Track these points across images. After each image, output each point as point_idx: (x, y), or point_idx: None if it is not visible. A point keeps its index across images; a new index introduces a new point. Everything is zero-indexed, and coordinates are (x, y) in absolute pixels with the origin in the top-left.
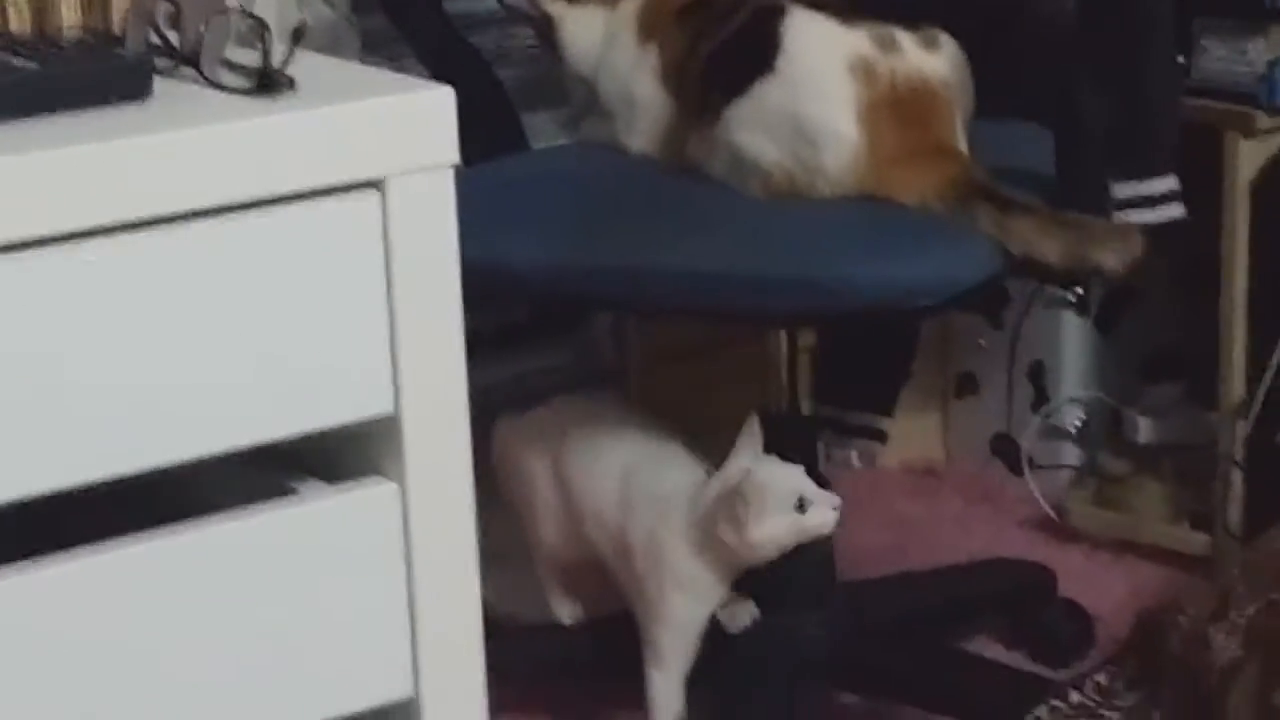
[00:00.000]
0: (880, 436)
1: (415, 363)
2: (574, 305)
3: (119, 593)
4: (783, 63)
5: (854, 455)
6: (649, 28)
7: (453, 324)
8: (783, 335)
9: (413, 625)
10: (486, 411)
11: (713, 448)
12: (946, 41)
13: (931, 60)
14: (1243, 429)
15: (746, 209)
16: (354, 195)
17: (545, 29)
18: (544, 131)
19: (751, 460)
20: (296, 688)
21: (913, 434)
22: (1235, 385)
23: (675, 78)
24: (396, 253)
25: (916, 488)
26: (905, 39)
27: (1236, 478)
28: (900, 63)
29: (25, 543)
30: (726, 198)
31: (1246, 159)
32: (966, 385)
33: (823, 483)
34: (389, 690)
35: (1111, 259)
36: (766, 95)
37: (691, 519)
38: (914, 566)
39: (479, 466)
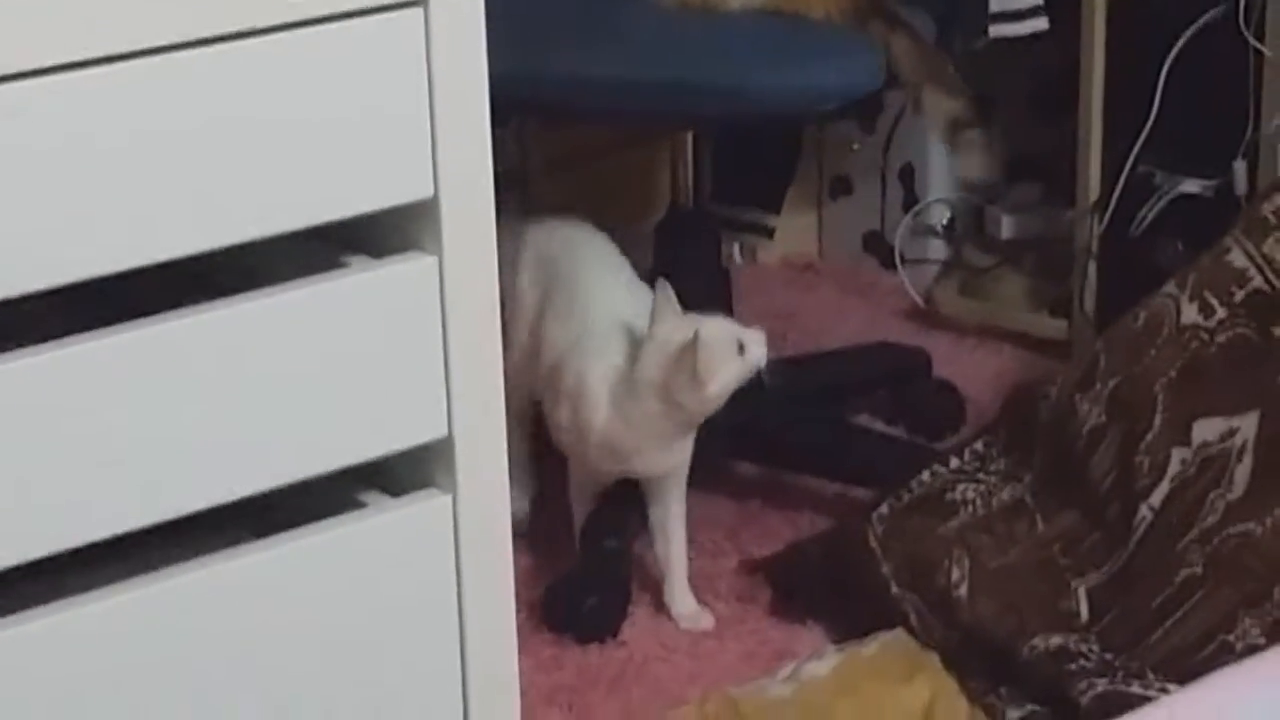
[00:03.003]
0: (768, 232)
1: (451, 152)
2: (498, 113)
3: (192, 354)
4: None
5: (737, 250)
6: None
7: (483, 119)
8: (687, 137)
9: (447, 373)
10: None
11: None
12: None
13: None
14: (1097, 224)
15: (661, 19)
16: (399, 13)
17: None
18: None
19: (687, 321)
20: (350, 430)
21: (791, 232)
22: (1090, 184)
23: None
24: (437, 62)
25: (795, 281)
26: None
27: (1091, 268)
28: None
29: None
30: (641, 9)
31: None
32: (841, 186)
33: (726, 277)
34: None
35: (934, 105)
36: None
37: (636, 386)
38: (795, 352)
39: None
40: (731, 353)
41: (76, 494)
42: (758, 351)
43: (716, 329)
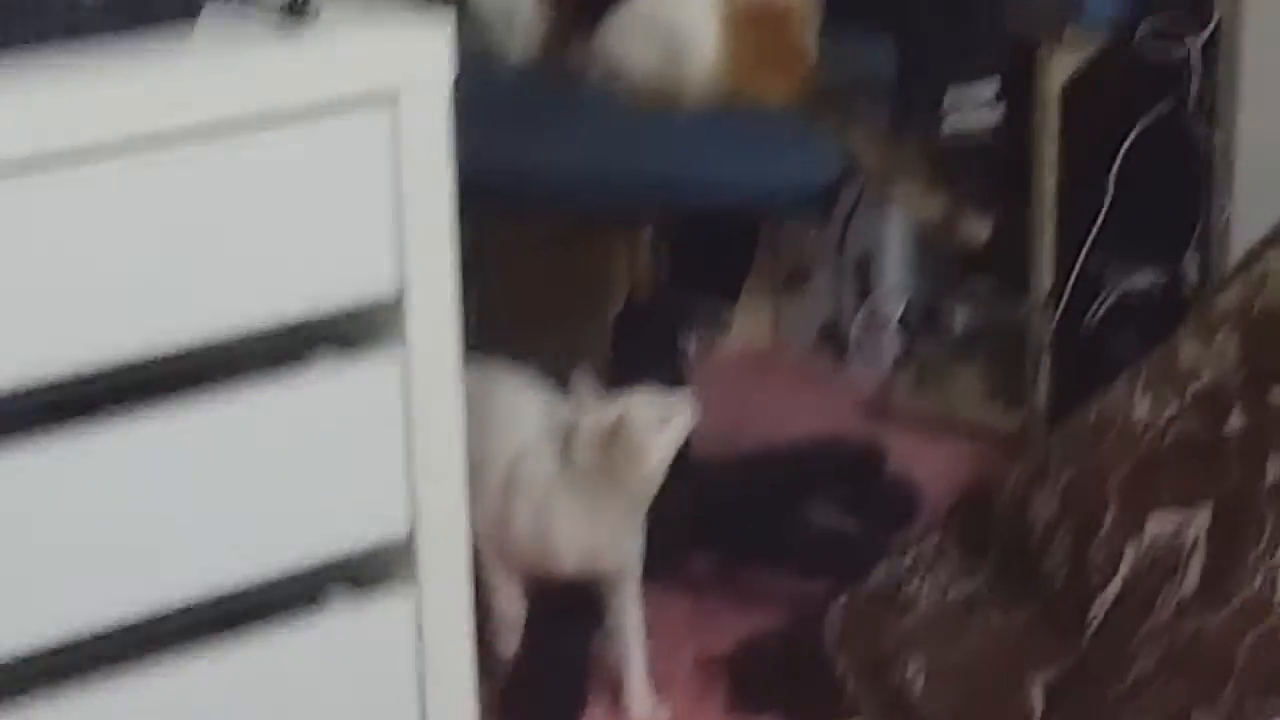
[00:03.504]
0: (725, 323)
1: (418, 247)
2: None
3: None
4: None
5: (692, 342)
6: None
7: (449, 214)
8: (647, 229)
9: (410, 469)
10: None
11: (568, 336)
12: None
13: None
14: (1050, 317)
15: (621, 115)
16: (369, 108)
17: None
18: None
19: (611, 401)
20: (315, 527)
21: (746, 323)
22: (1043, 277)
23: None
24: (405, 154)
25: (750, 372)
26: None
27: (1044, 361)
28: None
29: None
30: (603, 104)
31: (1056, 68)
32: (796, 277)
33: (684, 367)
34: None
35: (902, 194)
36: (636, 8)
37: (577, 480)
38: (751, 445)
39: None
40: (660, 423)
41: (40, 594)
42: (685, 416)
43: (641, 403)
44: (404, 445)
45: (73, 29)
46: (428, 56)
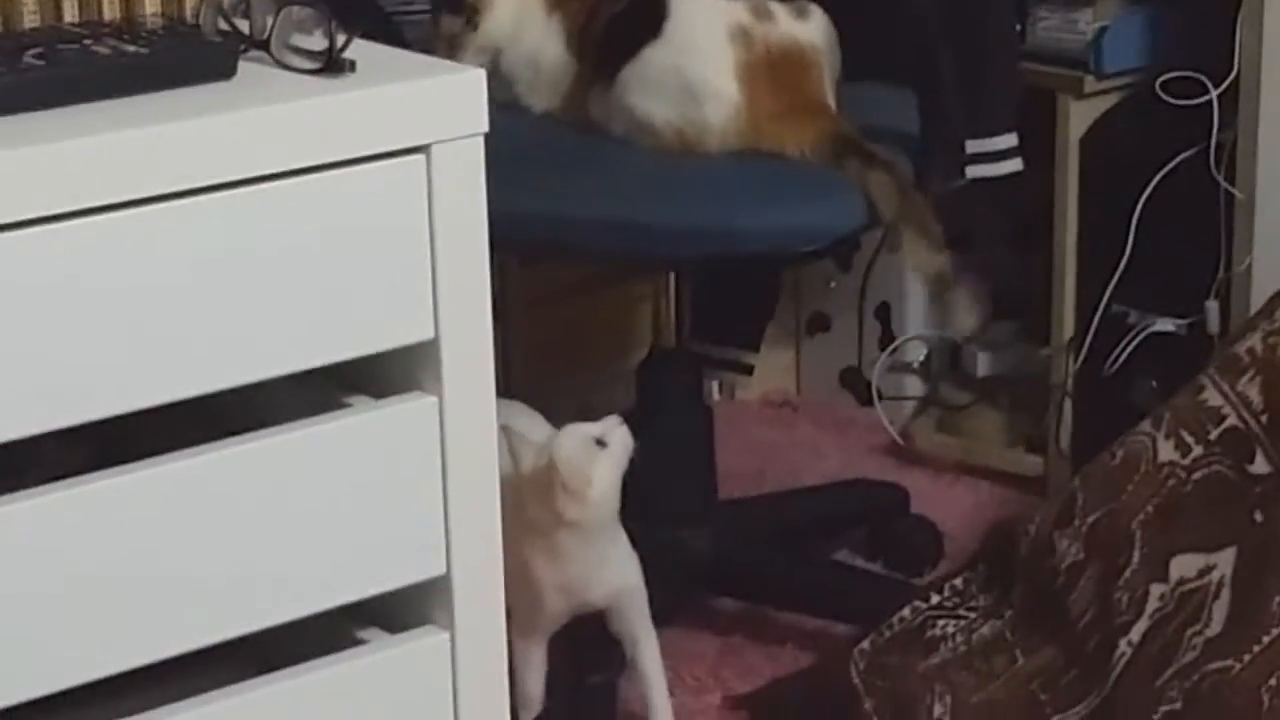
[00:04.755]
0: (747, 370)
1: (452, 294)
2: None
3: (192, 494)
4: (669, 29)
5: (715, 388)
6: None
7: (482, 262)
8: (669, 276)
9: (446, 512)
10: None
11: (591, 383)
12: (816, 12)
13: (802, 27)
14: (1072, 362)
15: (645, 163)
16: (404, 159)
17: (472, 12)
18: None
19: (543, 444)
20: (350, 569)
21: (769, 369)
22: (1065, 322)
23: (578, 43)
24: (439, 205)
25: (773, 418)
26: (779, 9)
27: (1066, 406)
28: (774, 29)
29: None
30: (626, 153)
31: (1076, 118)
32: (818, 323)
33: (708, 415)
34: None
35: (908, 245)
36: (655, 58)
37: (536, 524)
38: (774, 489)
39: None
40: (593, 453)
41: (79, 631)
42: (620, 439)
43: (568, 439)
44: (440, 487)
45: (116, 86)
46: (461, 108)
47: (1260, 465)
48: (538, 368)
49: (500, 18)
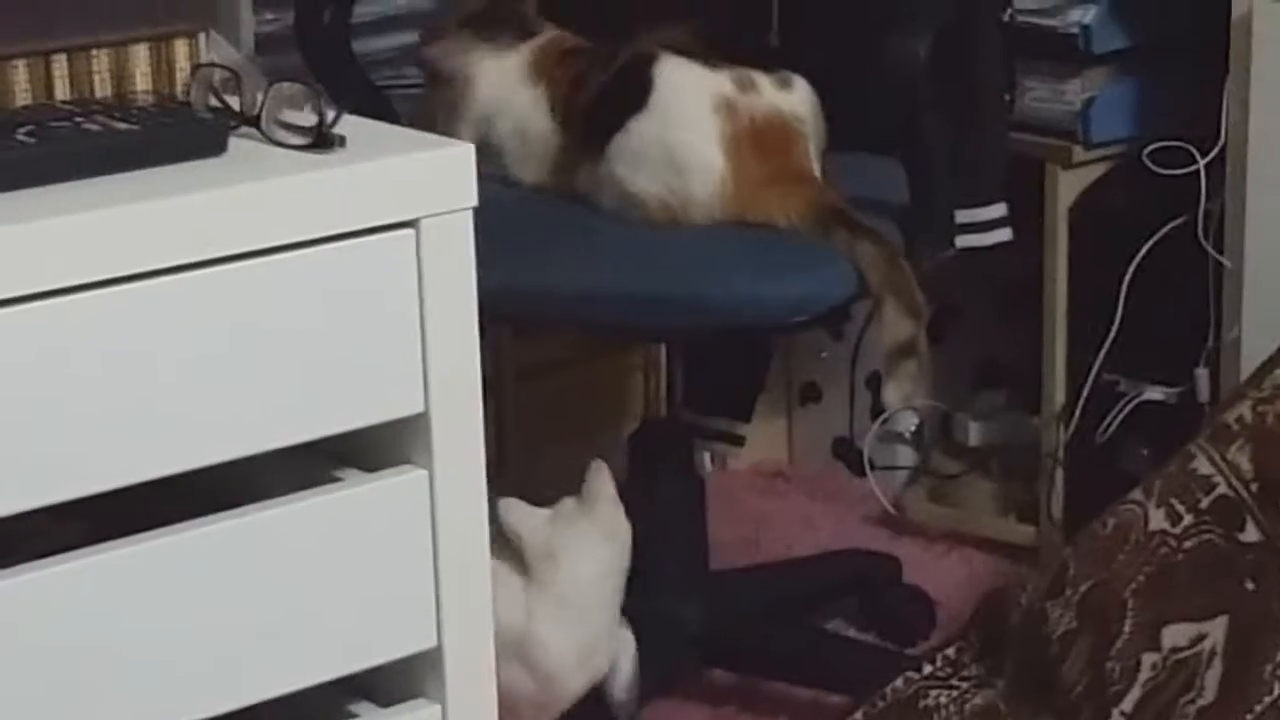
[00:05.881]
0: (738, 441)
1: (442, 368)
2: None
3: (184, 568)
4: (654, 101)
5: (707, 459)
6: (539, 71)
7: (472, 336)
8: (661, 347)
9: (437, 585)
10: None
11: (585, 454)
12: (799, 83)
13: (786, 98)
14: (1063, 431)
15: (633, 235)
16: (393, 233)
17: (461, 85)
18: None
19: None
20: (341, 642)
21: (760, 439)
22: (1056, 391)
23: (563, 114)
24: (428, 279)
25: (765, 488)
26: (763, 80)
27: (1058, 474)
28: (758, 100)
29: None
30: (614, 225)
31: (1065, 188)
32: (810, 393)
33: (700, 486)
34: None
35: (893, 317)
36: (640, 130)
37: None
38: (767, 558)
39: None
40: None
41: (68, 704)
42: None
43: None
44: (430, 560)
45: (107, 163)
46: (450, 183)
47: (1251, 533)
48: (531, 439)
49: (485, 88)
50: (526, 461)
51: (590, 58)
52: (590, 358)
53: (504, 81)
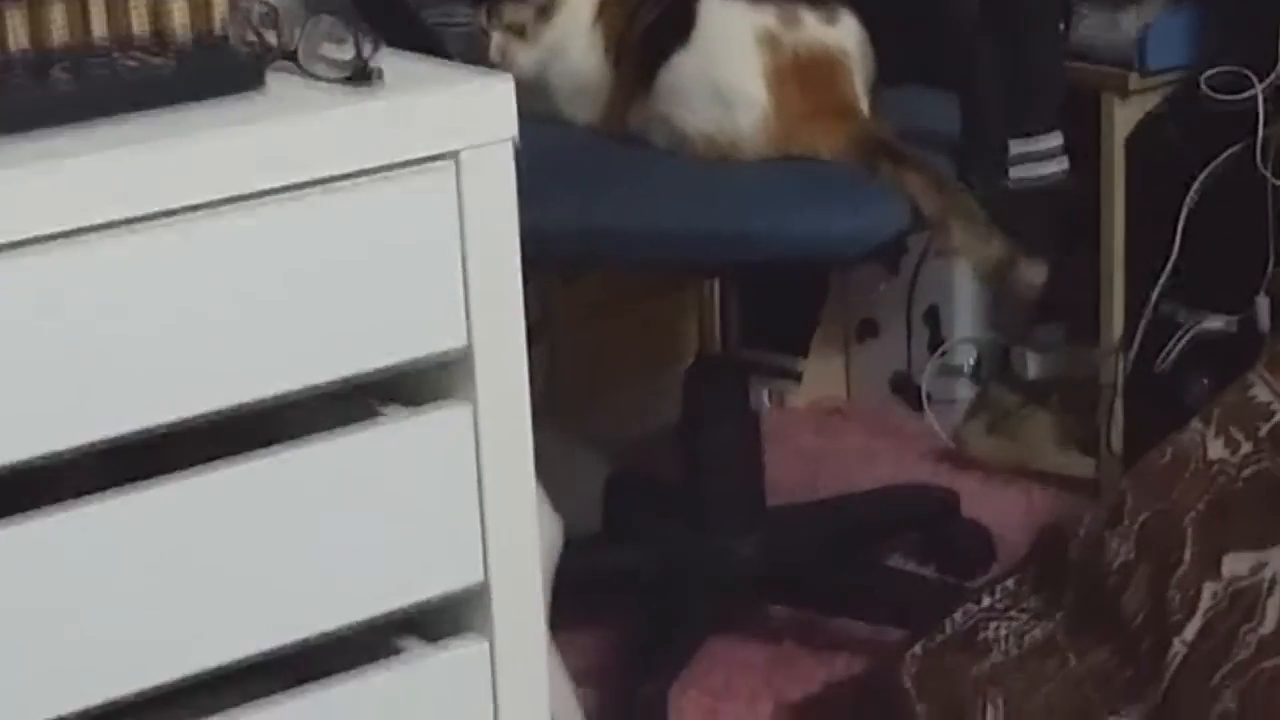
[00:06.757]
0: (795, 376)
1: (484, 302)
2: (531, 267)
3: (229, 506)
4: (697, 36)
5: (765, 395)
6: (602, 8)
7: (514, 268)
8: (714, 284)
9: (483, 519)
10: None
11: (640, 394)
12: (846, 16)
13: (831, 32)
14: (1122, 362)
15: (684, 171)
16: (434, 166)
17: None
18: None
19: None
20: (388, 578)
21: (818, 376)
22: (1114, 323)
23: (615, 54)
24: (469, 212)
25: (823, 425)
26: (808, 14)
27: (1117, 406)
28: (802, 34)
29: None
30: (667, 162)
31: (1122, 117)
32: (867, 329)
33: (755, 422)
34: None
35: (967, 244)
36: (684, 66)
37: None
38: (825, 494)
39: None
40: None
41: (112, 646)
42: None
43: None
44: (476, 496)
45: (144, 100)
46: (490, 114)
47: None
48: (586, 381)
49: (574, 13)
50: (582, 403)
51: None
52: (644, 297)
53: (577, 15)
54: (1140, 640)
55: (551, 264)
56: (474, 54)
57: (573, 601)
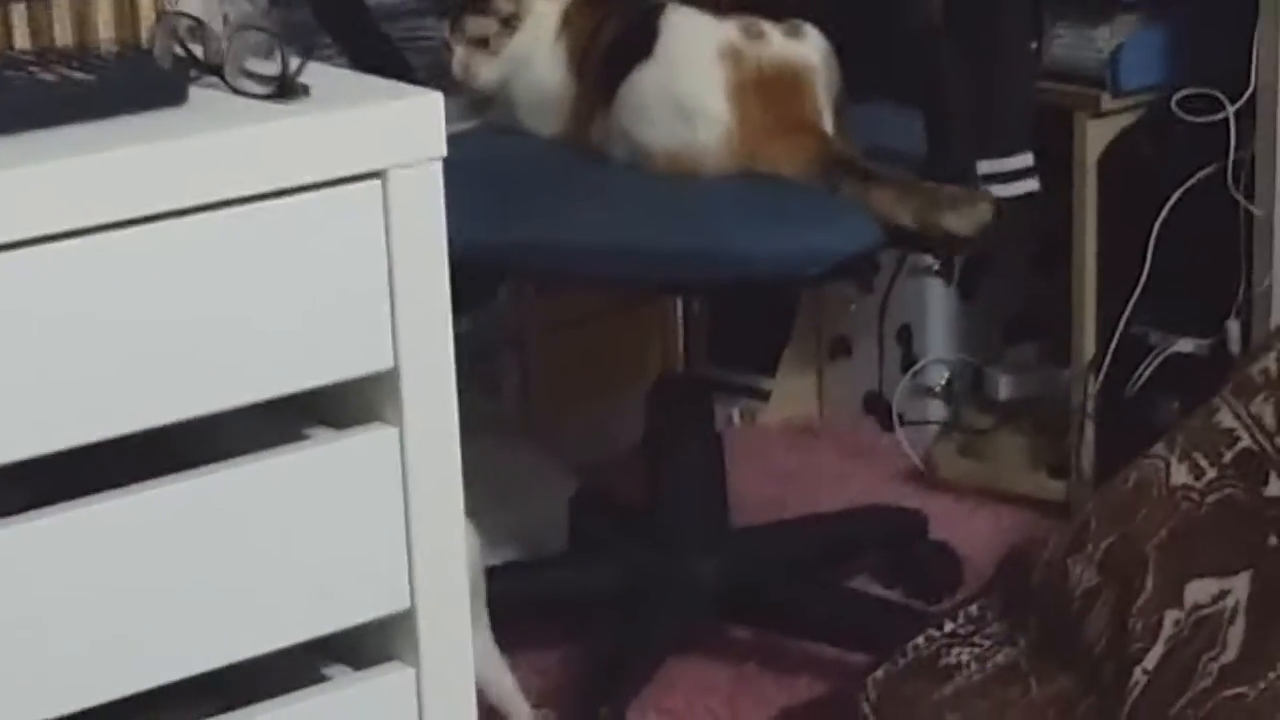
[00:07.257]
0: (763, 395)
1: (411, 322)
2: (490, 279)
3: (149, 528)
4: (659, 49)
5: (735, 413)
6: (568, 20)
7: (442, 290)
8: (677, 301)
9: (409, 544)
10: None
11: (608, 409)
12: (810, 31)
13: (796, 47)
14: (1093, 384)
15: (645, 187)
16: (360, 185)
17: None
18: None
19: None
20: (312, 603)
21: (790, 394)
22: (1086, 345)
23: (579, 67)
24: (396, 232)
25: (794, 443)
26: (771, 29)
27: (1088, 429)
28: (766, 49)
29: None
30: (628, 177)
31: (1094, 137)
32: (839, 347)
33: (718, 442)
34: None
35: (960, 222)
36: (645, 80)
37: None
38: (793, 514)
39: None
40: None
41: (27, 672)
42: None
43: None
44: (402, 519)
45: (62, 113)
46: (418, 132)
47: (1275, 488)
48: (557, 396)
49: (538, 26)
50: (550, 418)
51: (611, 7)
52: (611, 312)
53: (542, 27)
54: (1102, 668)
55: (513, 278)
56: (439, 68)
57: (534, 620)
